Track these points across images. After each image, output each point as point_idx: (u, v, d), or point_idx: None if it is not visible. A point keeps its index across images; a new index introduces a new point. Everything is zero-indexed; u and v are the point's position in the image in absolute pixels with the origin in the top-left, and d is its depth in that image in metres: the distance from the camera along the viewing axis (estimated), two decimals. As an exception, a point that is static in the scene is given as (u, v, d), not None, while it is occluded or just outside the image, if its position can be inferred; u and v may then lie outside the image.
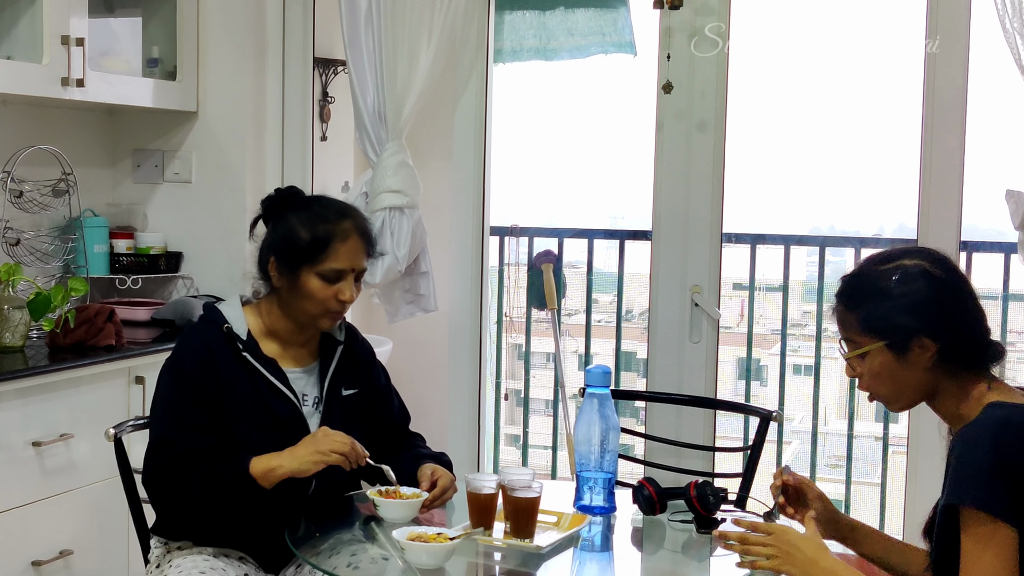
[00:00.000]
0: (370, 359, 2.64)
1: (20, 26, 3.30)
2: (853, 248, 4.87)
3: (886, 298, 1.95)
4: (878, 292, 1.97)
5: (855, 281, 2.02)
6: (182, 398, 2.38)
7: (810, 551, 1.93)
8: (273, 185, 4.01)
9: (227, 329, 2.42)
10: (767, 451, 3.21)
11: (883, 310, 1.96)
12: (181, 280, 4.04)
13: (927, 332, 1.93)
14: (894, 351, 1.95)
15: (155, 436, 2.41)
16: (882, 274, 1.98)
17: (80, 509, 3.16)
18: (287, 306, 2.45)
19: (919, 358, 1.94)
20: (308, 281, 2.39)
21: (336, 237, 2.40)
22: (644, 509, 2.46)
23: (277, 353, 2.47)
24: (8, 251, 3.51)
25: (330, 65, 4.36)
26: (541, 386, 6.94)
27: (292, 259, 2.40)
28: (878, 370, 1.99)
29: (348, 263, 2.41)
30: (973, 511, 1.77)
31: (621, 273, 5.00)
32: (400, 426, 2.68)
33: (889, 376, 1.98)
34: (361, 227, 2.46)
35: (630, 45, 4.54)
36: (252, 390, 2.40)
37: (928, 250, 2.03)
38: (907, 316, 1.93)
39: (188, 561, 2.41)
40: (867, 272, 2.01)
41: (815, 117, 6.98)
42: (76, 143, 3.89)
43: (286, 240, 2.42)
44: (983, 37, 3.38)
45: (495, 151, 4.05)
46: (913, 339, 1.94)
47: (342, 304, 2.42)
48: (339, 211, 2.46)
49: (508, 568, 2.27)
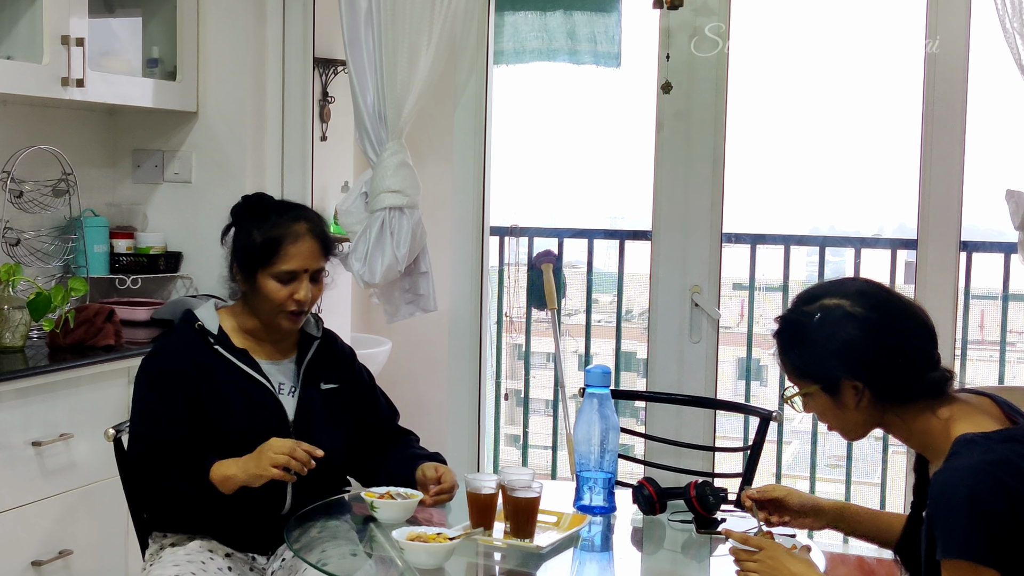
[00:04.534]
0: (351, 358, 2.71)
1: (20, 26, 3.30)
2: (853, 248, 4.87)
3: (809, 344, 1.96)
4: (802, 338, 1.97)
5: (784, 325, 2.02)
6: (152, 392, 2.48)
7: (796, 568, 1.95)
8: (273, 185, 4.03)
9: (199, 326, 2.52)
10: (767, 451, 3.21)
11: (808, 356, 1.97)
12: (181, 280, 4.04)
13: (851, 375, 1.93)
14: (829, 394, 1.96)
15: (130, 433, 2.54)
16: (804, 316, 1.97)
17: (80, 509, 3.16)
18: (253, 308, 2.55)
19: (852, 399, 1.94)
20: (265, 283, 2.49)
21: (287, 239, 2.49)
22: (644, 509, 2.46)
23: (250, 347, 2.55)
24: (8, 251, 3.51)
25: (330, 65, 4.37)
26: (541, 386, 6.94)
27: (250, 264, 2.51)
28: (821, 411, 2.01)
29: (300, 264, 2.49)
30: (953, 562, 1.79)
31: (621, 273, 5.01)
32: (388, 421, 2.72)
33: (832, 416, 2.00)
34: (315, 229, 2.55)
35: (616, 57, 4.56)
36: (228, 379, 2.49)
37: (855, 284, 2.01)
38: (829, 361, 1.93)
39: (171, 555, 2.47)
40: (792, 316, 2.00)
41: (815, 117, 6.97)
42: (76, 143, 3.88)
43: (244, 246, 2.52)
44: (983, 37, 3.38)
45: (495, 151, 4.05)
46: (841, 382, 1.94)
47: (299, 304, 2.50)
48: (294, 216, 2.54)
49: (508, 568, 2.27)
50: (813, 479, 4.97)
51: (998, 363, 4.88)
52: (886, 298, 1.97)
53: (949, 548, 1.78)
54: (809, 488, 4.97)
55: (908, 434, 1.98)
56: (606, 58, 4.57)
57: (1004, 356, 4.87)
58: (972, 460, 1.81)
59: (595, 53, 4.57)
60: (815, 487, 4.99)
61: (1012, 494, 1.77)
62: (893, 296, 1.98)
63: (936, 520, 1.81)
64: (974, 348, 5.90)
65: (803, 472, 5.69)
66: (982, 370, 5.86)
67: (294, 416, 2.52)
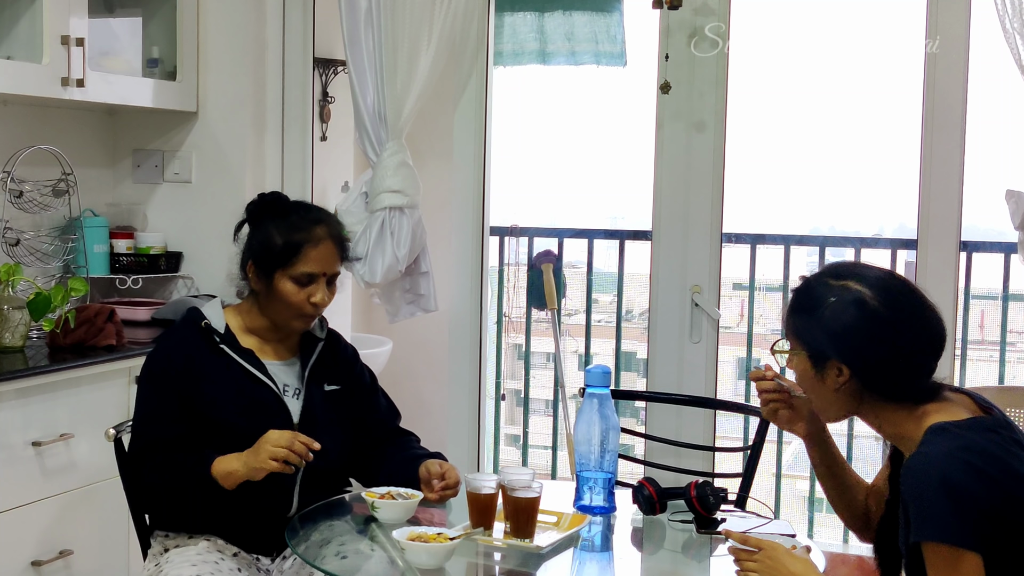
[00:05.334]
0: (353, 358, 2.71)
1: (20, 26, 3.30)
2: (853, 248, 4.87)
3: (817, 315, 1.98)
4: (812, 306, 2.00)
5: (804, 286, 2.06)
6: (151, 391, 2.49)
7: (796, 567, 1.96)
8: (273, 185, 4.03)
9: (205, 324, 2.51)
10: (767, 451, 3.21)
11: (810, 324, 2.00)
12: (181, 280, 4.04)
13: (841, 358, 1.96)
14: (813, 363, 2.00)
15: (131, 432, 2.54)
16: (826, 290, 1.99)
17: (80, 509, 3.16)
18: (265, 308, 2.53)
19: (833, 379, 1.98)
20: (282, 284, 2.48)
21: (308, 242, 2.48)
22: (644, 509, 2.46)
23: (255, 347, 2.55)
24: (8, 251, 3.51)
25: (330, 65, 4.36)
26: (541, 386, 6.94)
27: (267, 263, 2.49)
28: (800, 375, 2.05)
29: (319, 267, 2.49)
30: (934, 545, 1.80)
31: (621, 273, 5.01)
32: (388, 422, 2.71)
33: (809, 385, 2.04)
34: (335, 233, 2.55)
35: (621, 56, 4.56)
36: (231, 379, 2.48)
37: (884, 276, 2.02)
38: (827, 339, 1.97)
39: (181, 555, 2.45)
40: (816, 282, 2.03)
41: (815, 117, 6.97)
42: (76, 143, 3.89)
43: (262, 245, 2.51)
44: (983, 37, 3.38)
45: (495, 151, 4.05)
46: (829, 360, 1.97)
47: (315, 307, 2.50)
48: (314, 218, 2.54)
49: (508, 568, 2.27)
50: (813, 479, 4.96)
51: (998, 363, 4.89)
52: (907, 300, 1.98)
53: (924, 531, 1.80)
54: (809, 488, 4.97)
55: (880, 425, 2.01)
56: (609, 57, 4.57)
57: (1004, 356, 4.88)
58: (944, 447, 1.84)
59: (596, 53, 4.57)
60: (815, 487, 4.99)
61: (985, 477, 1.79)
62: (915, 299, 1.99)
63: (909, 504, 1.83)
64: (974, 348, 5.90)
65: (803, 472, 5.69)
66: (982, 370, 5.86)
67: (298, 419, 2.51)
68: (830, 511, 2.43)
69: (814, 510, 5.11)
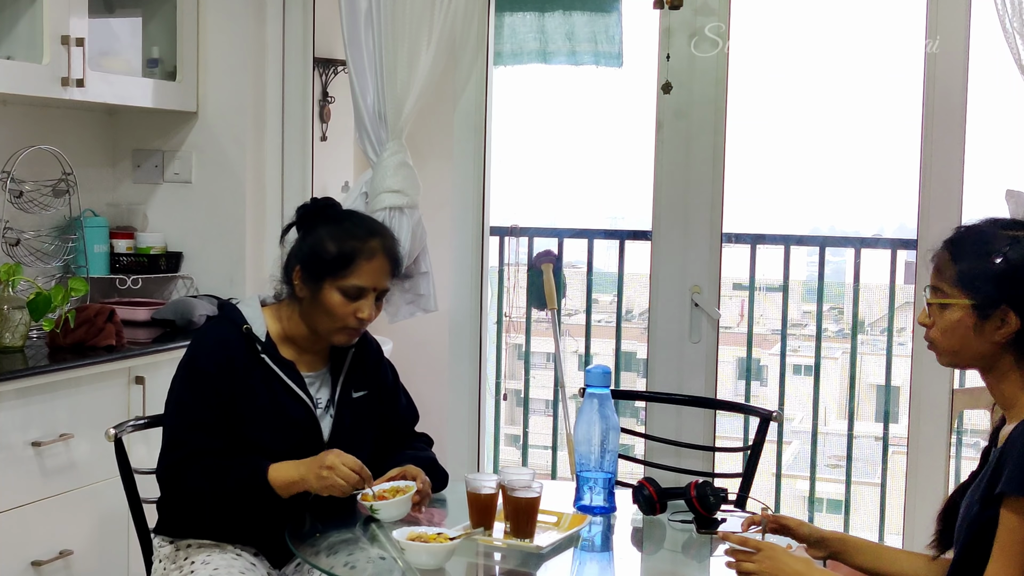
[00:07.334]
0: (378, 358, 2.63)
1: (20, 26, 3.30)
2: (853, 248, 4.87)
3: (991, 260, 1.93)
4: (986, 252, 1.94)
5: (969, 234, 2.00)
6: (195, 399, 2.40)
7: (796, 566, 1.95)
8: (273, 185, 4.03)
9: (247, 330, 2.43)
10: (767, 451, 3.21)
11: (982, 270, 1.93)
12: (181, 280, 4.04)
13: (1012, 305, 1.90)
14: (976, 313, 1.93)
15: (168, 436, 2.44)
16: (998, 237, 1.94)
17: (80, 509, 3.16)
18: (307, 316, 2.45)
19: (996, 330, 1.92)
20: (329, 295, 2.40)
21: (362, 254, 2.40)
22: (644, 509, 2.46)
23: (294, 357, 2.48)
24: (8, 251, 3.51)
25: (330, 65, 4.36)
26: (541, 386, 6.94)
27: (317, 271, 2.40)
28: (953, 326, 1.97)
29: (371, 281, 2.41)
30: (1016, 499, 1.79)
31: (621, 273, 5.00)
32: (404, 426, 2.67)
33: (960, 336, 1.96)
34: (389, 248, 2.46)
35: (618, 56, 4.56)
36: (267, 392, 2.42)
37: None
38: (1003, 284, 1.91)
39: (216, 558, 2.41)
40: (984, 230, 1.98)
41: (815, 117, 6.98)
42: (76, 143, 3.89)
43: (313, 251, 2.42)
44: (983, 37, 3.38)
45: (495, 151, 4.06)
46: (998, 308, 1.91)
47: (360, 322, 2.42)
48: (369, 229, 2.46)
49: (508, 568, 2.27)
50: (813, 479, 4.97)
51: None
52: None
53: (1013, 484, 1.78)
54: (809, 488, 4.97)
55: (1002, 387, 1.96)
56: (607, 58, 4.57)
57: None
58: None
59: (595, 53, 4.57)
60: (815, 487, 4.99)
61: None
62: None
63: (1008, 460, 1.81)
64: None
65: (803, 472, 5.70)
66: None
67: (329, 437, 2.46)
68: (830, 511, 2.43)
69: (814, 510, 5.11)
